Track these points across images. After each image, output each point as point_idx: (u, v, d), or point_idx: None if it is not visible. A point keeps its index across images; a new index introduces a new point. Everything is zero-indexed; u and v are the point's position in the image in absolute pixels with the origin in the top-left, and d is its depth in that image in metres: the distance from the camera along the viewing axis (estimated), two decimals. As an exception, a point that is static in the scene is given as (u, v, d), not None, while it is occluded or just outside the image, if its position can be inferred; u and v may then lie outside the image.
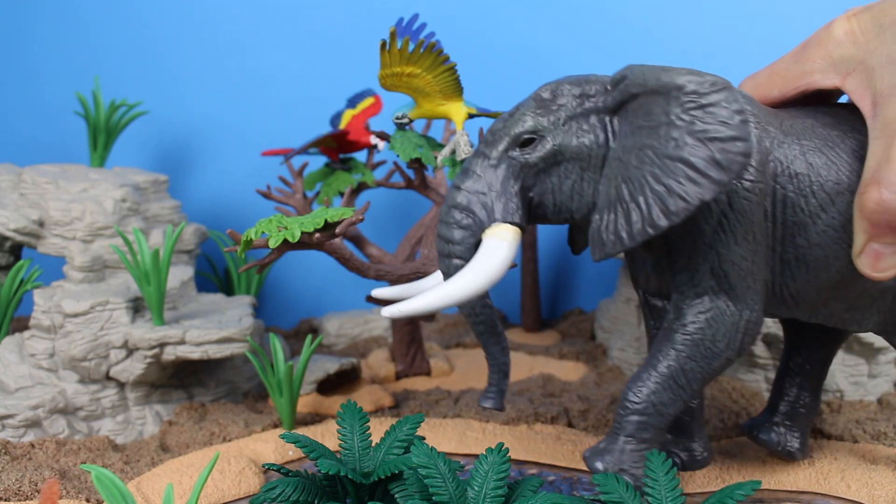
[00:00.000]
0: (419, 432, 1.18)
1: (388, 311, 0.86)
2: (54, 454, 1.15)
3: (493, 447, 0.89)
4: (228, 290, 1.68)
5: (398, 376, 1.49)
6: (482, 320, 0.93)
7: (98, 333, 1.22)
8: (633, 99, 0.86)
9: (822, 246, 0.89)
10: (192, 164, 1.83)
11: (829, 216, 0.88)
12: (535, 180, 0.88)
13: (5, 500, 1.03)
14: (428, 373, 1.51)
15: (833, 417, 1.24)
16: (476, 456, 1.12)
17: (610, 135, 0.87)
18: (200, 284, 1.66)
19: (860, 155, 0.88)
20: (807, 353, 1.08)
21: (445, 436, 1.21)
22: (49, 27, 1.81)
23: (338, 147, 1.49)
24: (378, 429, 1.17)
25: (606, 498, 0.85)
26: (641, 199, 0.83)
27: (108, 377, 1.25)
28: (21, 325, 1.50)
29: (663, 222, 0.82)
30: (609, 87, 0.88)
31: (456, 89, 1.13)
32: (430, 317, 1.36)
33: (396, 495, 0.89)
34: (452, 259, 0.88)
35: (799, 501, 1.03)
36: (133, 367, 1.23)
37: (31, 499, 1.04)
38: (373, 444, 0.98)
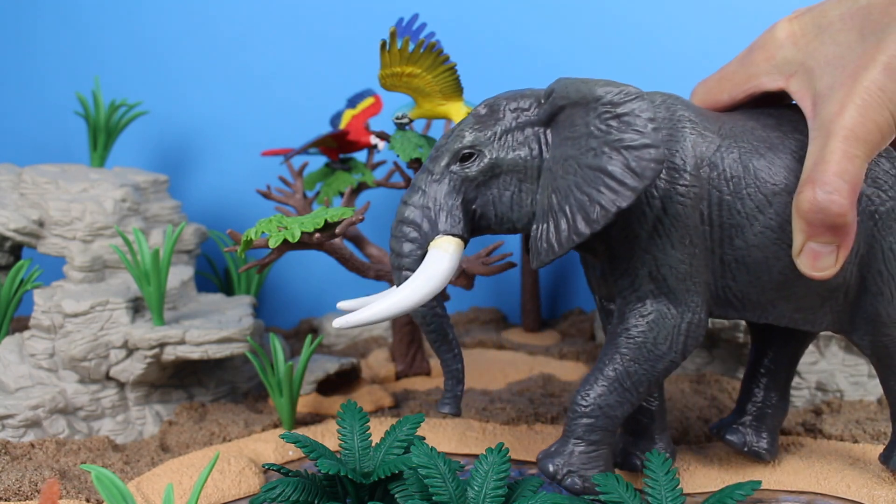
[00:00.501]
0: (419, 432, 1.19)
1: (338, 323, 0.90)
2: (54, 454, 1.15)
3: (493, 447, 0.89)
4: (228, 290, 1.68)
5: (398, 376, 1.49)
6: (433, 329, 0.97)
7: (98, 333, 1.22)
8: (560, 111, 0.89)
9: (761, 247, 0.90)
10: (192, 164, 1.83)
11: (766, 217, 0.89)
12: (476, 193, 0.92)
13: (5, 500, 1.03)
14: (428, 373, 1.51)
15: (833, 418, 1.24)
16: (476, 456, 1.12)
17: (544, 146, 0.90)
18: (200, 284, 1.66)
19: (800, 156, 0.89)
20: (773, 353, 1.09)
21: (445, 436, 1.21)
22: (49, 27, 1.81)
23: (338, 147, 1.49)
24: (378, 429, 1.17)
25: (606, 498, 0.85)
26: (567, 208, 0.86)
27: (108, 377, 1.25)
28: (21, 325, 1.50)
29: (586, 230, 0.84)
30: (542, 101, 0.91)
31: (456, 89, 1.13)
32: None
33: (396, 495, 0.89)
34: (402, 271, 0.92)
35: (799, 501, 1.03)
36: (133, 367, 1.23)
37: (31, 499, 1.04)
38: (373, 444, 0.98)
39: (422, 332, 0.98)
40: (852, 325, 0.97)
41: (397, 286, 0.93)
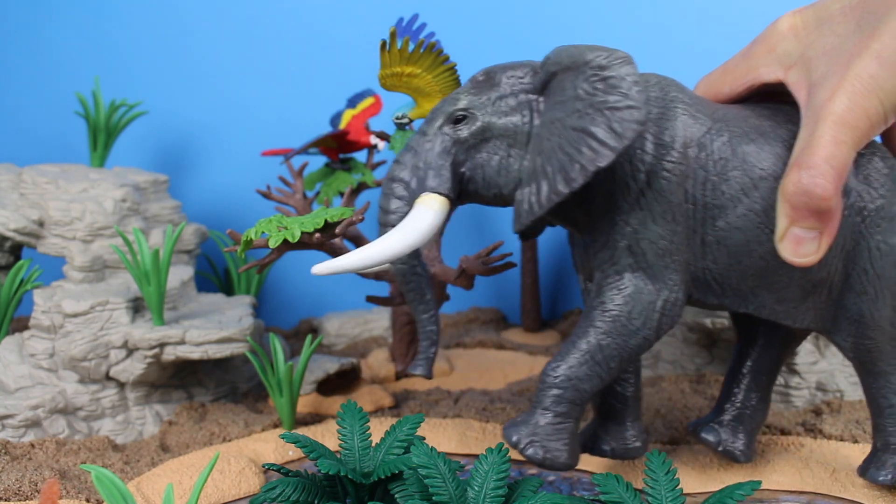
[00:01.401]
0: (419, 432, 1.18)
1: (316, 269, 0.91)
2: (54, 454, 1.15)
3: (493, 447, 0.89)
4: (228, 290, 1.68)
5: (398, 376, 1.49)
6: (411, 287, 0.97)
7: (98, 333, 1.22)
8: (553, 77, 0.91)
9: (743, 230, 0.90)
10: (192, 164, 1.83)
11: (750, 201, 0.89)
12: (466, 156, 0.93)
13: (5, 500, 1.03)
14: (428, 373, 1.51)
15: (833, 418, 1.24)
16: (476, 456, 1.12)
17: (535, 114, 0.92)
18: (200, 284, 1.66)
19: (790, 145, 0.90)
20: (756, 354, 1.08)
21: (445, 436, 1.21)
22: (49, 27, 1.81)
23: (338, 147, 1.49)
24: (378, 429, 1.17)
25: (606, 498, 0.85)
26: (549, 169, 0.87)
27: (108, 377, 1.25)
28: (21, 325, 1.50)
29: (564, 189, 0.85)
30: (538, 70, 0.93)
31: (456, 89, 1.13)
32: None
33: (396, 495, 0.89)
34: (387, 227, 0.93)
35: (799, 501, 1.03)
36: (133, 367, 1.23)
37: (31, 499, 1.04)
38: (373, 445, 0.98)
39: (401, 288, 0.98)
40: (835, 325, 0.96)
41: None
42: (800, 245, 0.84)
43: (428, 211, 0.90)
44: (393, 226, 0.92)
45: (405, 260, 0.93)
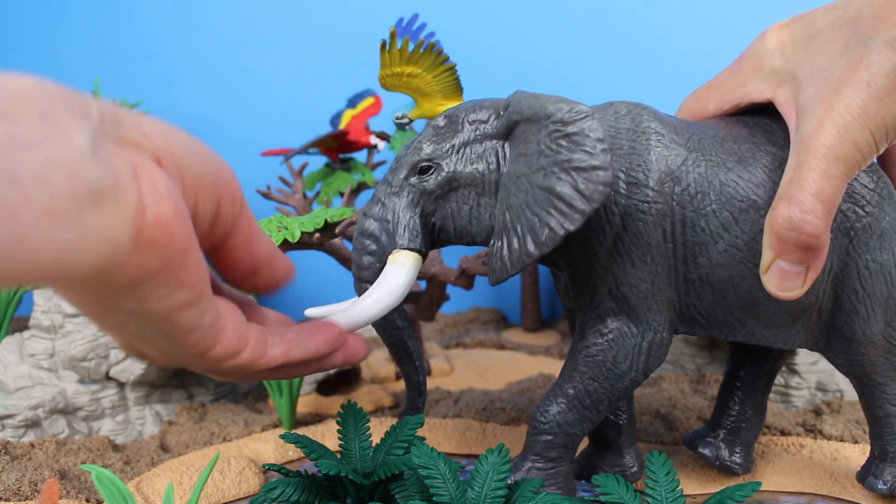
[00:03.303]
0: (419, 433, 1.18)
1: (309, 312, 0.90)
2: (54, 454, 1.15)
3: (493, 447, 0.89)
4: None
5: (398, 376, 1.49)
6: (393, 341, 0.97)
7: (98, 333, 1.22)
8: (515, 126, 0.87)
9: (726, 266, 0.87)
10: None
11: (731, 236, 0.86)
12: (435, 206, 0.90)
13: (5, 500, 1.03)
14: (428, 373, 1.51)
15: (833, 418, 1.24)
16: (476, 456, 1.12)
17: (502, 160, 0.88)
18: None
19: (771, 170, 0.87)
20: (750, 367, 1.06)
21: (445, 436, 1.21)
22: (49, 28, 1.80)
23: (338, 147, 1.49)
24: (378, 429, 1.17)
25: (606, 498, 0.85)
26: (518, 227, 0.84)
27: (107, 377, 1.25)
28: (21, 325, 1.50)
29: (535, 251, 0.82)
30: (501, 113, 0.89)
31: (456, 89, 1.13)
32: (429, 317, 1.35)
33: (397, 496, 0.89)
34: (363, 283, 0.91)
35: (799, 502, 1.03)
36: (133, 367, 1.23)
37: (31, 499, 1.04)
38: (373, 445, 0.98)
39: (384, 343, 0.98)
40: (828, 344, 0.94)
41: (358, 297, 0.93)
42: (785, 279, 0.81)
43: (400, 270, 0.87)
44: (367, 282, 0.90)
45: (384, 316, 0.90)
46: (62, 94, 0.43)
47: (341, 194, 1.46)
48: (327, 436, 1.20)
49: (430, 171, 0.89)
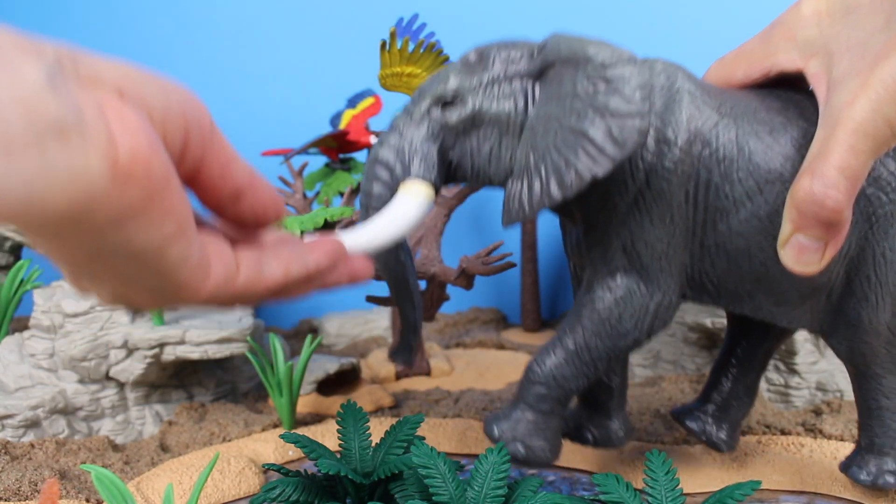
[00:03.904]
0: (419, 432, 1.18)
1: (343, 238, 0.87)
2: (54, 454, 1.15)
3: (492, 447, 0.89)
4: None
5: (398, 376, 1.49)
6: (394, 275, 0.93)
7: (98, 333, 1.22)
8: (550, 67, 0.85)
9: (745, 235, 0.85)
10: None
11: (754, 206, 0.85)
12: (454, 141, 0.87)
13: (5, 500, 1.03)
14: (428, 373, 1.51)
15: (833, 417, 1.24)
16: (476, 456, 1.12)
17: (530, 101, 0.85)
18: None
19: (800, 144, 0.85)
20: (748, 345, 1.04)
21: (445, 436, 1.21)
22: (48, 27, 1.80)
23: (338, 147, 1.49)
24: (378, 429, 1.17)
25: (606, 498, 0.85)
26: (542, 169, 0.82)
27: (107, 377, 1.25)
28: (21, 325, 1.50)
29: (557, 195, 0.80)
30: (535, 54, 0.86)
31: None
32: (429, 317, 1.36)
33: (396, 495, 0.89)
34: (369, 211, 0.88)
35: (799, 501, 1.03)
36: (133, 367, 1.23)
37: (31, 499, 1.04)
38: (373, 445, 0.98)
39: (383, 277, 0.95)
40: (832, 328, 0.93)
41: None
42: (803, 254, 0.79)
43: (412, 201, 0.84)
44: (376, 209, 0.86)
45: (388, 249, 0.88)
46: (12, 37, 0.43)
47: (341, 194, 1.46)
48: (327, 436, 1.20)
49: (454, 105, 0.86)
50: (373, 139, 1.47)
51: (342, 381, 1.44)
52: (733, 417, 1.06)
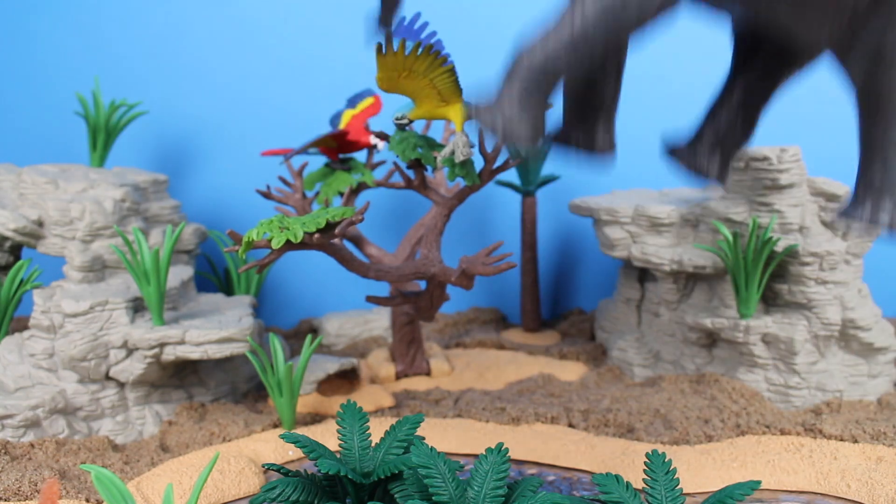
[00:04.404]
0: (419, 432, 1.18)
1: None
2: (54, 454, 1.15)
3: (493, 447, 0.89)
4: (228, 290, 1.68)
5: (398, 376, 1.49)
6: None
7: (98, 333, 1.22)
8: None
9: None
10: (192, 164, 1.82)
11: None
12: None
13: (5, 500, 1.03)
14: (428, 373, 1.51)
15: (833, 417, 1.24)
16: (476, 456, 1.12)
17: None
18: (200, 285, 1.66)
19: None
20: (753, 80, 0.93)
21: (446, 436, 1.21)
22: (49, 27, 1.80)
23: (337, 147, 1.49)
24: (378, 429, 1.17)
25: (606, 498, 0.85)
26: None
27: (107, 377, 1.25)
28: (21, 325, 1.50)
29: None
30: None
31: (455, 90, 1.13)
32: (429, 317, 1.35)
33: (396, 495, 0.89)
34: None
35: (799, 501, 1.03)
36: (133, 367, 1.23)
37: (31, 499, 1.04)
38: (373, 445, 0.98)
39: None
40: (851, 53, 0.81)
41: None
42: None
43: None
44: None
45: None
46: None
47: (341, 194, 1.46)
48: (327, 436, 1.21)
49: None
50: (373, 139, 1.47)
51: (342, 381, 1.44)
52: (727, 150, 0.95)
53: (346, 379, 1.44)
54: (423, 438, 0.97)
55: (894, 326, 1.42)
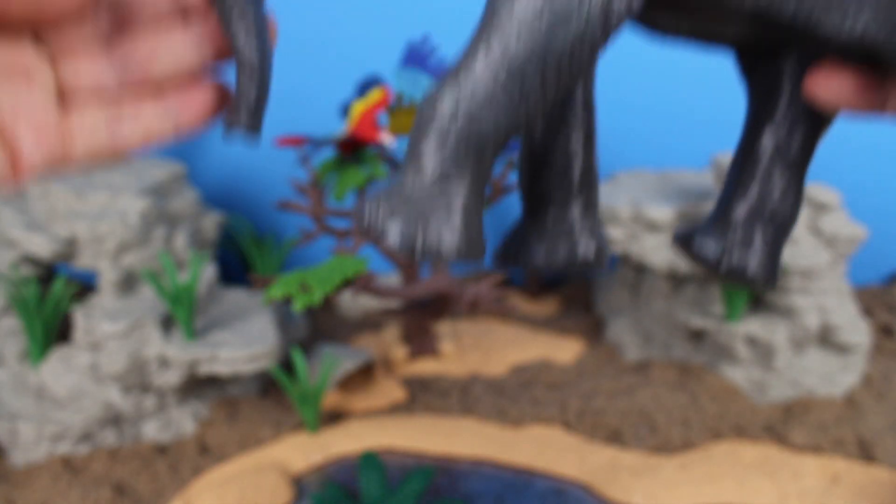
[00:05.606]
0: (427, 434, 1.33)
1: None
2: (110, 465, 1.31)
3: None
4: (249, 267, 1.77)
5: (412, 354, 1.62)
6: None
7: (135, 349, 1.34)
8: None
9: None
10: (207, 143, 1.86)
11: None
12: None
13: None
14: (437, 353, 1.64)
15: (801, 420, 1.38)
16: (478, 457, 1.26)
17: None
18: (221, 267, 1.74)
19: None
20: (783, 129, 0.58)
21: (446, 436, 1.36)
22: None
23: (351, 144, 1.53)
24: (392, 431, 1.30)
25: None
26: None
27: (148, 386, 1.38)
28: (66, 337, 1.58)
29: None
30: None
31: None
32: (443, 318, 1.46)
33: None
34: None
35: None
36: (170, 378, 1.36)
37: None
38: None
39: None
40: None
41: None
42: None
43: None
44: None
45: None
46: None
47: (354, 190, 1.52)
48: (347, 441, 1.35)
49: None
50: (382, 136, 1.51)
51: (360, 374, 1.57)
52: (769, 232, 0.59)
53: (364, 371, 1.57)
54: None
55: (863, 300, 1.52)
